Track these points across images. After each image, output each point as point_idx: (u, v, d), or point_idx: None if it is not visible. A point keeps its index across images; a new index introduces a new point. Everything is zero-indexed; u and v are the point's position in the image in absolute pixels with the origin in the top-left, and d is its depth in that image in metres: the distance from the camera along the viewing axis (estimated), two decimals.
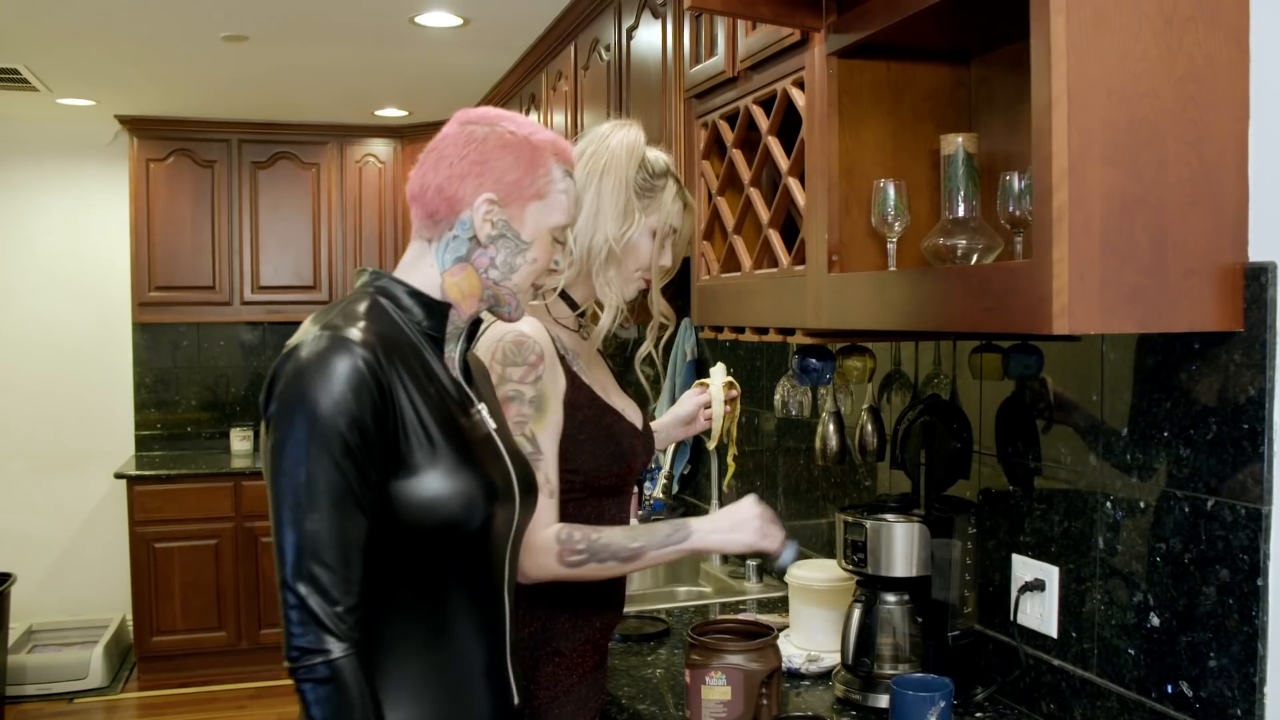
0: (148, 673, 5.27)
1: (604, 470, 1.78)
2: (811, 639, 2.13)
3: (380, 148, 5.82)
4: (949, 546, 1.82)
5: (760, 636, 1.76)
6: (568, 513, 1.75)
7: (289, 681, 1.33)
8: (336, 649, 1.27)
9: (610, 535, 1.70)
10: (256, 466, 5.34)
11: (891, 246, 1.72)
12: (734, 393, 2.14)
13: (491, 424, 1.52)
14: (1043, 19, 1.26)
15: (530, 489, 1.55)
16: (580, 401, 1.77)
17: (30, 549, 5.60)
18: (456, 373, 1.52)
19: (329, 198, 5.78)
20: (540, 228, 1.50)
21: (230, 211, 5.64)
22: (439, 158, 1.48)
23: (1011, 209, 1.55)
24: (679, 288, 3.36)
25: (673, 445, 3.13)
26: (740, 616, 2.19)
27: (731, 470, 2.18)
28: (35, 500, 5.69)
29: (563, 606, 1.77)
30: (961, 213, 1.62)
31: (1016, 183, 1.54)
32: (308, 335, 1.35)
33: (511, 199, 1.47)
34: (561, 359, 1.76)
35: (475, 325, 1.56)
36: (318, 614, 1.26)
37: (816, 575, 2.15)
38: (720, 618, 2.14)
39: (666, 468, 3.20)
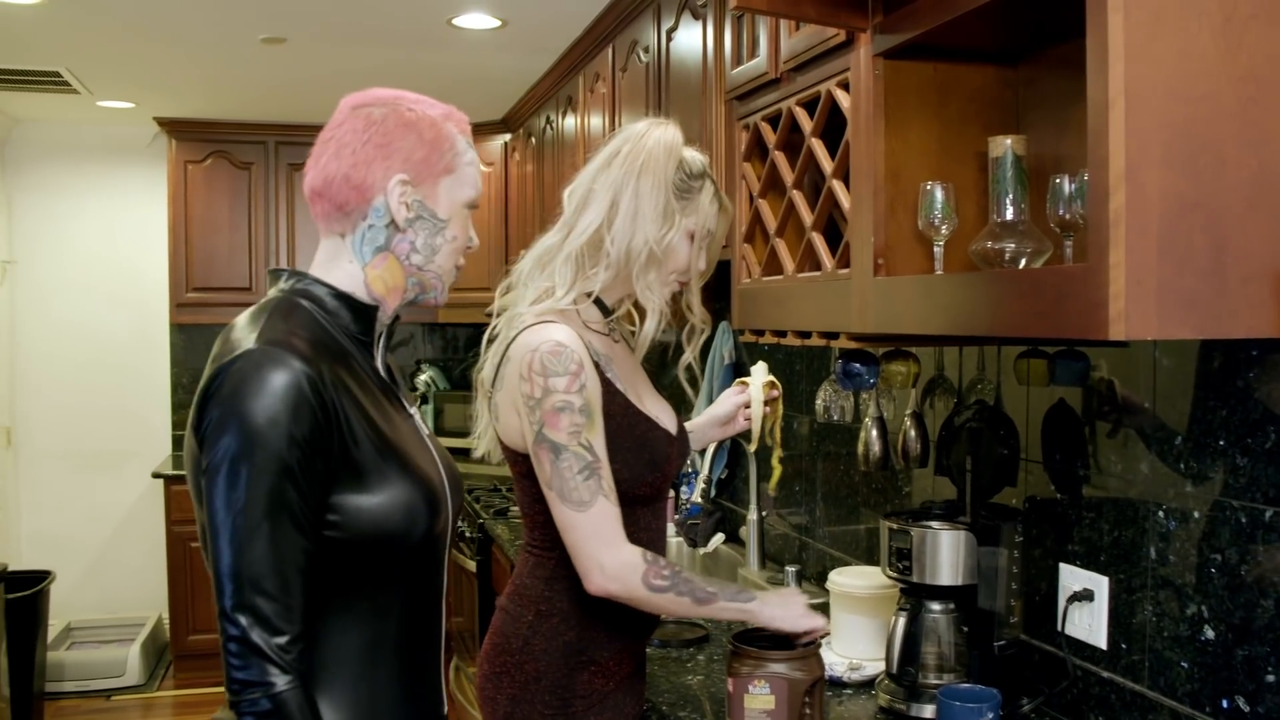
0: (183, 670, 5.31)
1: (639, 479, 1.75)
2: (853, 647, 2.11)
3: None
4: (995, 555, 1.79)
5: (804, 644, 1.74)
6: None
7: None
8: (280, 681, 1.21)
9: (690, 574, 1.69)
10: None
11: (938, 250, 1.69)
12: (775, 392, 2.08)
13: (424, 428, 1.50)
14: (1100, 18, 1.23)
15: (459, 490, 1.51)
16: (614, 410, 1.74)
17: (69, 548, 5.65)
18: (384, 376, 1.48)
19: None
20: (454, 204, 1.46)
21: (267, 213, 5.67)
22: (339, 146, 1.41)
23: (1061, 212, 1.52)
24: (716, 291, 3.35)
25: (711, 449, 3.11)
26: None
27: (777, 473, 2.14)
28: (73, 500, 5.74)
29: (598, 617, 1.75)
30: (1010, 216, 1.60)
31: (1067, 185, 1.51)
32: (240, 346, 1.28)
33: (423, 177, 1.42)
34: (595, 365, 1.73)
35: (394, 325, 1.52)
36: (260, 646, 1.21)
37: (858, 582, 2.13)
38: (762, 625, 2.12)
39: (705, 471, 3.18)
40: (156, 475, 5.34)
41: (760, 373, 2.12)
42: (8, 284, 5.63)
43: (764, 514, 3.08)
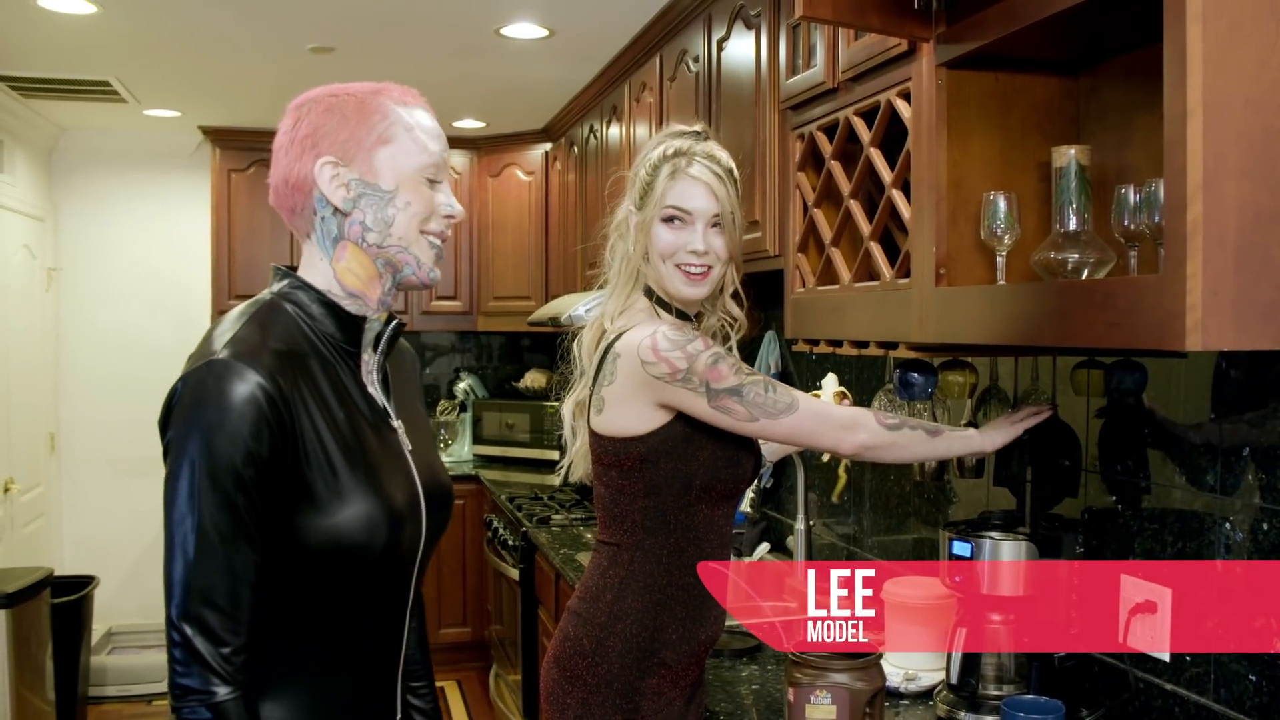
0: None
1: (721, 473, 1.79)
2: (908, 657, 2.10)
3: (457, 158, 5.87)
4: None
5: (864, 655, 1.73)
6: (677, 517, 1.76)
7: None
8: (221, 691, 1.23)
9: (943, 427, 1.83)
10: None
11: (1000, 260, 1.69)
12: (846, 403, 2.09)
13: (408, 444, 1.46)
14: (1178, 28, 1.23)
15: (443, 505, 1.50)
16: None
17: (110, 553, 5.71)
18: (374, 386, 1.46)
19: None
20: (401, 173, 1.39)
21: None
22: (275, 150, 1.41)
23: (1127, 222, 1.52)
24: (765, 299, 3.36)
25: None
26: None
27: (842, 481, 2.13)
28: (116, 505, 5.80)
29: (670, 618, 1.76)
30: (1073, 226, 1.59)
31: (1133, 196, 1.51)
32: (205, 356, 1.29)
33: (352, 154, 1.37)
34: None
35: (398, 331, 1.49)
36: (204, 656, 1.23)
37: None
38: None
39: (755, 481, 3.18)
40: None
41: (831, 384, 2.11)
42: (54, 290, 5.70)
43: (811, 523, 3.08)
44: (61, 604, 4.53)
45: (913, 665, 2.08)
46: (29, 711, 4.21)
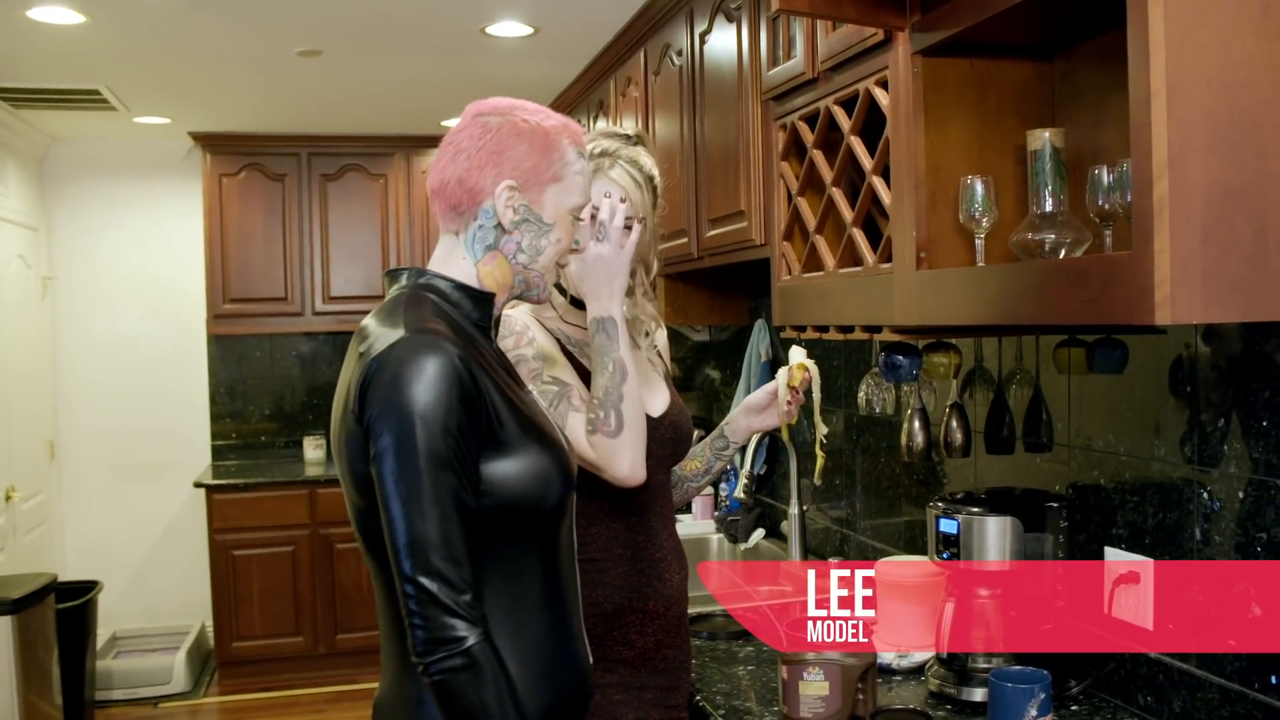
0: (228, 677, 5.38)
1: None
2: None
3: None
4: (1041, 540, 1.83)
5: None
6: (588, 489, 1.81)
7: (366, 685, 1.36)
8: (472, 635, 1.31)
9: (594, 386, 1.80)
10: (330, 474, 5.44)
11: (979, 243, 1.73)
12: (807, 374, 2.05)
13: (543, 403, 1.60)
14: (1140, 11, 1.26)
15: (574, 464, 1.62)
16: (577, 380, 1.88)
17: (113, 558, 5.75)
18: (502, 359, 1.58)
19: (397, 208, 5.88)
20: (560, 209, 1.55)
21: (301, 224, 5.75)
22: (456, 151, 1.52)
23: (1101, 202, 1.56)
24: (754, 288, 3.39)
25: (751, 445, 3.15)
26: None
27: (820, 461, 2.13)
28: (118, 510, 5.84)
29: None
30: (1049, 207, 1.63)
31: (1106, 176, 1.55)
32: (389, 337, 1.38)
33: (530, 184, 1.52)
34: (564, 348, 1.91)
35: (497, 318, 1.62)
36: (449, 604, 1.30)
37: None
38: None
39: (746, 467, 3.22)
40: (198, 485, 5.43)
41: (796, 354, 2.09)
42: (49, 299, 5.73)
43: (805, 508, 3.12)
44: (66, 609, 4.57)
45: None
46: (36, 716, 4.24)
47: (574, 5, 3.43)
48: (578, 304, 1.98)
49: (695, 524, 3.64)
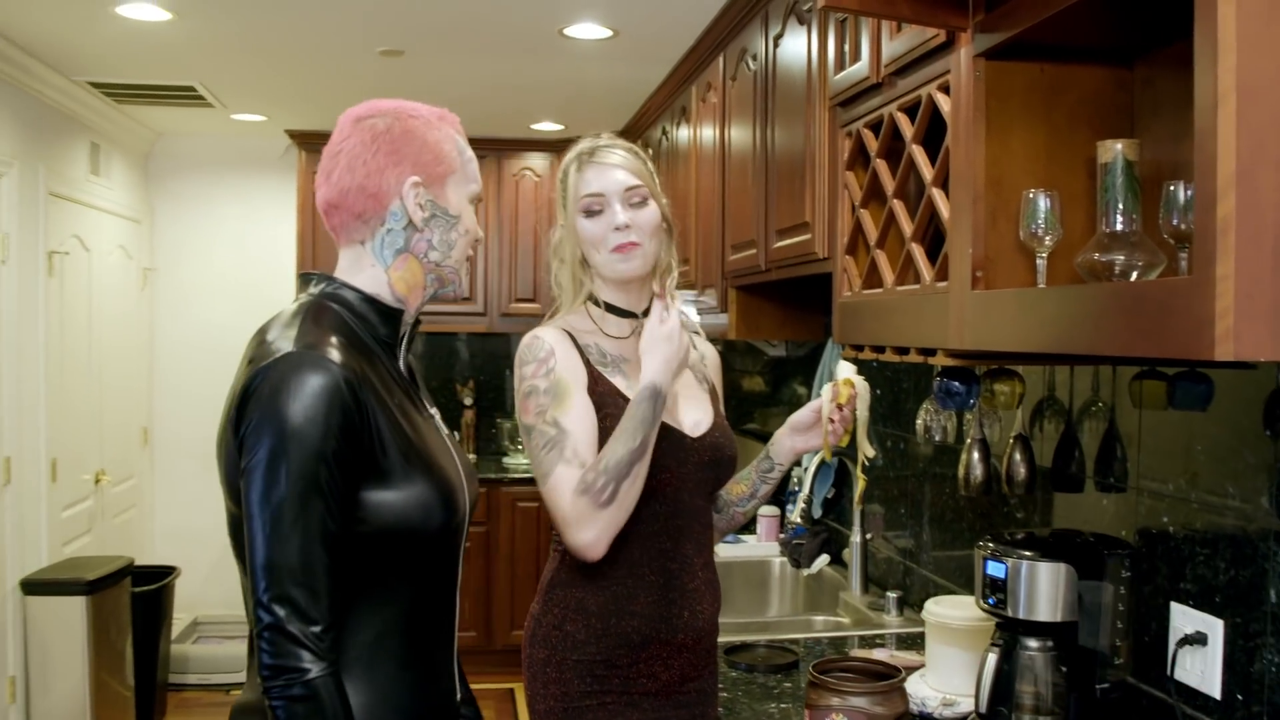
0: None
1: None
2: (948, 681, 1.99)
3: (537, 161, 5.88)
4: (1100, 589, 1.67)
5: (887, 678, 1.64)
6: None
7: None
8: (315, 668, 1.26)
9: (609, 448, 1.72)
10: None
11: (1041, 262, 1.58)
12: (852, 390, 1.90)
13: (444, 428, 1.58)
14: (1209, 7, 1.12)
15: (474, 487, 1.59)
16: (602, 399, 1.82)
17: (198, 544, 5.84)
18: (406, 377, 1.55)
19: (487, 211, 5.87)
20: (462, 199, 1.55)
21: None
22: (350, 159, 1.49)
23: (1176, 222, 1.40)
24: (828, 304, 3.25)
25: (812, 466, 3.02)
26: (868, 654, 2.07)
27: (861, 484, 1.98)
28: (202, 498, 5.93)
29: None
30: (1120, 226, 1.48)
31: (1182, 193, 1.39)
32: (279, 350, 1.35)
33: (432, 178, 1.51)
34: (587, 361, 1.84)
35: (416, 329, 1.60)
36: (295, 634, 1.26)
37: (955, 613, 2.01)
38: (846, 654, 2.03)
39: (805, 490, 3.08)
40: None
41: (844, 370, 1.94)
42: (149, 289, 5.87)
43: (868, 536, 2.97)
44: (142, 592, 4.65)
45: (952, 689, 1.97)
46: (108, 694, 4.33)
47: (652, 6, 3.34)
48: (613, 310, 1.91)
49: (759, 545, 3.52)
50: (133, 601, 4.55)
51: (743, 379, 4.42)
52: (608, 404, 1.81)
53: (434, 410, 1.59)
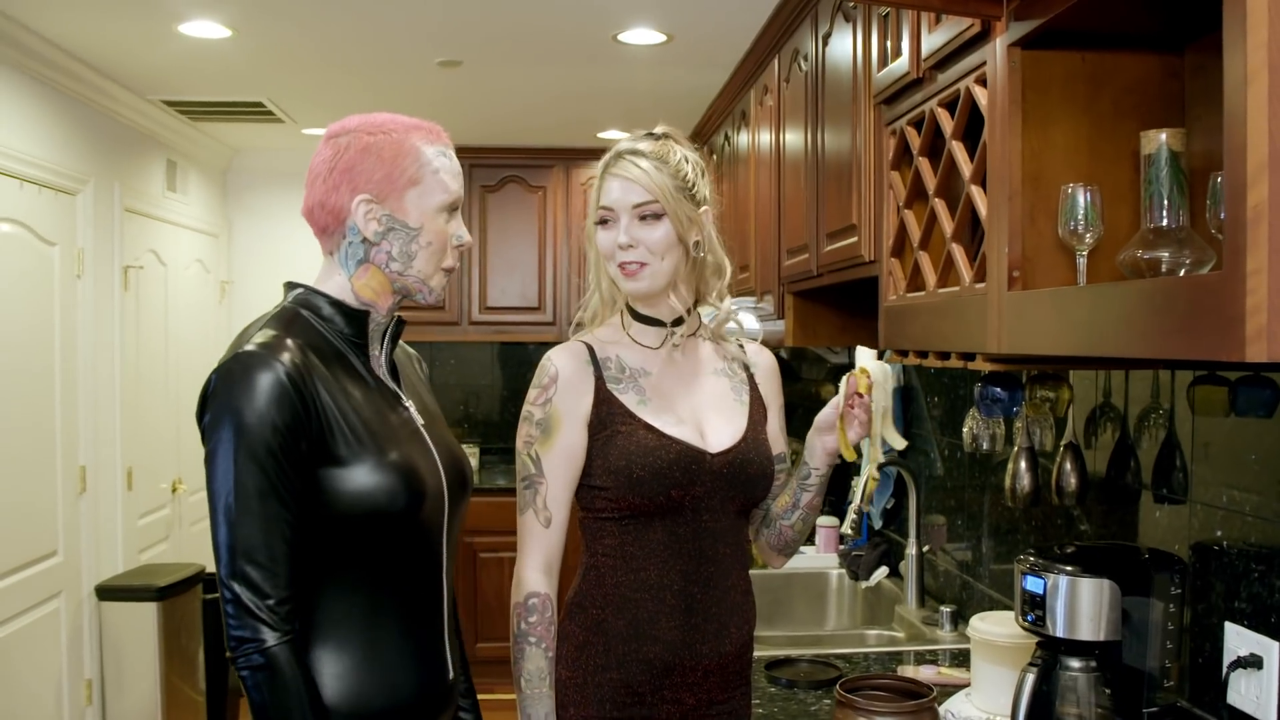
0: None
1: (627, 488, 1.72)
2: (994, 700, 1.90)
3: None
4: (1147, 607, 1.57)
5: (918, 697, 1.57)
6: (610, 535, 1.75)
7: (503, 695, 1.56)
8: (270, 638, 1.38)
9: (529, 668, 1.71)
10: (479, 483, 5.45)
11: (1081, 261, 1.50)
12: (869, 379, 1.79)
13: (419, 420, 1.65)
14: None
15: (461, 480, 1.68)
16: (609, 420, 1.76)
17: None
18: (383, 372, 1.64)
19: (554, 220, 5.87)
20: (425, 211, 1.58)
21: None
22: (314, 176, 1.60)
23: (1222, 215, 1.31)
24: (875, 308, 3.16)
25: (864, 476, 2.93)
26: (915, 671, 1.99)
27: (871, 485, 1.89)
28: None
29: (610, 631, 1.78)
30: (1165, 221, 1.39)
31: None
32: (238, 348, 1.48)
33: (386, 194, 1.56)
34: (600, 379, 1.77)
35: (399, 328, 1.68)
36: (250, 608, 1.38)
37: (1000, 630, 1.92)
38: (880, 672, 1.95)
39: (857, 501, 2.98)
40: None
41: (862, 356, 1.84)
42: (226, 303, 5.98)
43: (925, 549, 2.87)
44: (214, 599, 4.71)
45: (997, 709, 1.88)
46: (179, 699, 4.40)
47: (704, 9, 3.29)
48: (640, 318, 1.85)
49: (818, 557, 3.43)
50: (205, 608, 4.62)
51: (810, 387, 4.34)
52: (611, 423, 1.75)
53: (410, 403, 1.66)
